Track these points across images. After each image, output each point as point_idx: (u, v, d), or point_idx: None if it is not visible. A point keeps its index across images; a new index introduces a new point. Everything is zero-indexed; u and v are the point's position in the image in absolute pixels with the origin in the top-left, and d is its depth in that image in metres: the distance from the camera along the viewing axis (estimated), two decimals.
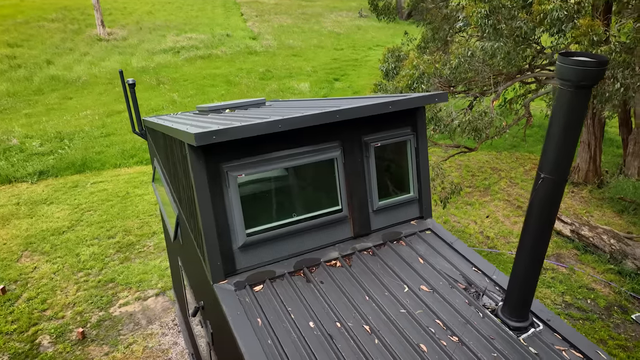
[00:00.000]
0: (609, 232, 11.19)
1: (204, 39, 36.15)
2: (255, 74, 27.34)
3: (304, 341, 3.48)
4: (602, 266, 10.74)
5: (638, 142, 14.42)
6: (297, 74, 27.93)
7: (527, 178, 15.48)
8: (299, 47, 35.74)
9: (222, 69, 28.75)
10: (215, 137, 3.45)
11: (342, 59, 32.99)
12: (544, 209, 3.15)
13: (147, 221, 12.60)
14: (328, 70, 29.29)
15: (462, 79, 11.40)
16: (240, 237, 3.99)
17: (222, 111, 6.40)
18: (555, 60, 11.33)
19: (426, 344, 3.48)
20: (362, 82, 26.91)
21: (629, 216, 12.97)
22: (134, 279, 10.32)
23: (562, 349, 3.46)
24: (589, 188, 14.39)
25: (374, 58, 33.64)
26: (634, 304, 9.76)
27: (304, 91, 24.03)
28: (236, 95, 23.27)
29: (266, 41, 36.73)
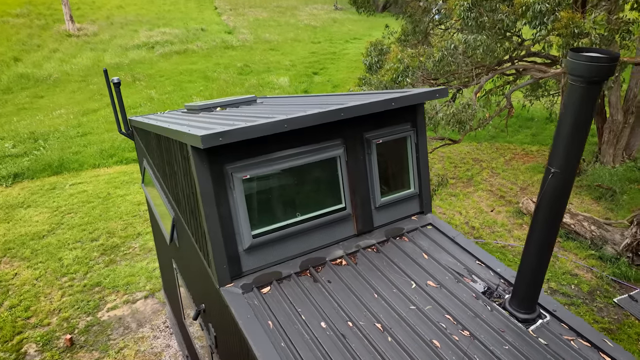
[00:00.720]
0: (589, 219, 11.53)
1: (178, 33, 35.45)
2: (233, 69, 26.98)
3: (317, 342, 3.46)
4: (583, 252, 11.06)
5: (613, 131, 14.86)
6: (275, 69, 27.70)
7: (508, 168, 15.79)
8: (276, 41, 35.44)
9: (198, 64, 28.28)
10: (222, 139, 3.37)
11: (320, 52, 32.87)
12: (554, 203, 3.20)
13: (130, 222, 12.32)
14: (307, 64, 29.15)
15: (445, 72, 11.50)
16: (246, 239, 3.93)
17: (213, 109, 6.29)
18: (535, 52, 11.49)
19: (438, 339, 3.50)
20: (341, 76, 26.89)
21: (606, 202, 13.38)
22: (121, 281, 10.10)
23: (570, 338, 3.54)
24: None
25: (351, 51, 33.67)
26: (615, 287, 10.10)
27: (284, 86, 23.87)
28: (215, 91, 22.93)
29: (242, 35, 36.28)
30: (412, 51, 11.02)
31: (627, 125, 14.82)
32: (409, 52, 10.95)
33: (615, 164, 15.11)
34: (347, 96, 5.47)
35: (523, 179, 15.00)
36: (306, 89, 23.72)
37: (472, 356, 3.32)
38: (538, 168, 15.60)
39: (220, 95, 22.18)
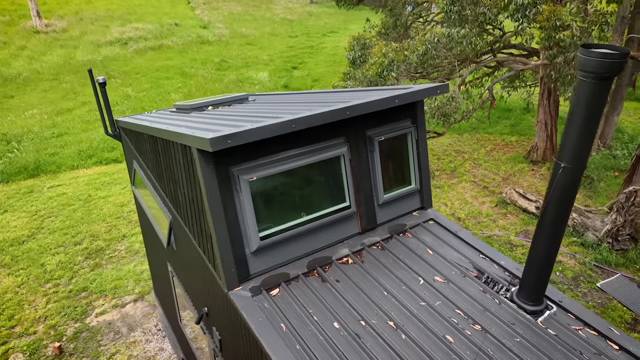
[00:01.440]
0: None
1: (151, 29, 34.65)
2: (210, 65, 26.56)
3: (332, 343, 3.45)
4: (566, 239, 11.36)
5: None
6: (254, 64, 27.40)
7: (489, 159, 16.06)
8: (253, 35, 35.03)
9: (174, 60, 27.72)
10: (231, 141, 3.30)
11: (297, 46, 32.66)
12: (563, 197, 3.26)
13: (114, 224, 12.04)
14: (285, 59, 28.93)
15: (429, 65, 11.58)
16: (254, 241, 3.87)
17: (205, 109, 6.16)
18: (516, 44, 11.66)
19: (451, 335, 3.54)
20: (320, 70, 26.80)
21: (584, 190, 13.76)
22: (108, 285, 9.87)
23: (578, 328, 3.62)
24: (547, 165, 15.13)
25: (329, 45, 33.59)
26: (597, 272, 10.42)
27: (263, 81, 23.64)
28: (193, 87, 22.55)
29: (218, 30, 35.72)
30: (396, 45, 11.05)
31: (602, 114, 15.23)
32: (393, 46, 10.98)
33: (591, 152, 15.54)
34: (342, 93, 5.44)
35: (504, 169, 15.29)
36: (286, 83, 23.57)
37: (486, 351, 3.36)
38: (518, 158, 15.92)
39: (199, 91, 21.83)
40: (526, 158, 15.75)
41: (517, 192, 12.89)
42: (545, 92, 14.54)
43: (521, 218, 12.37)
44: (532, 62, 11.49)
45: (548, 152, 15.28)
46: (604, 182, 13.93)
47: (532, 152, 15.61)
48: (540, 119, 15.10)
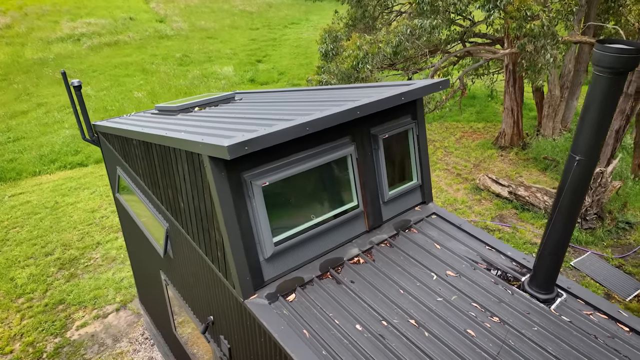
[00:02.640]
0: (541, 190, 12.31)
1: (105, 24, 33.24)
2: (172, 60, 25.77)
3: (357, 346, 3.43)
4: (539, 221, 11.82)
5: (552, 106, 15.87)
6: (217, 58, 26.80)
7: (460, 146, 16.44)
8: (213, 28, 34.25)
9: (133, 57, 26.72)
10: (248, 147, 3.19)
11: (260, 39, 32.22)
12: (578, 189, 3.35)
13: (87, 232, 11.54)
14: (248, 52, 28.47)
15: (403, 57, 11.67)
16: (268, 248, 3.78)
17: (192, 110, 5.96)
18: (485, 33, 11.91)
19: (472, 329, 3.59)
20: (285, 63, 26.56)
21: (551, 173, 14.35)
22: (87, 296, 9.47)
23: (589, 313, 3.76)
24: (515, 150, 15.66)
25: (291, 37, 33.32)
26: (569, 251, 10.91)
27: (229, 75, 23.18)
28: (156, 84, 21.82)
29: (176, 24, 34.69)
30: (370, 38, 11.06)
31: (563, 99, 15.88)
32: (367, 39, 10.98)
33: (555, 136, 16.20)
34: (334, 91, 5.38)
35: (475, 155, 15.70)
36: (252, 77, 23.20)
37: (509, 342, 3.43)
38: (487, 144, 16.38)
39: (163, 88, 21.15)
40: (494, 144, 16.24)
41: (489, 178, 13.27)
42: (510, 80, 14.97)
43: (495, 203, 12.76)
44: (500, 51, 11.79)
45: (515, 138, 15.80)
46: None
47: (500, 138, 16.10)
48: (506, 106, 15.56)
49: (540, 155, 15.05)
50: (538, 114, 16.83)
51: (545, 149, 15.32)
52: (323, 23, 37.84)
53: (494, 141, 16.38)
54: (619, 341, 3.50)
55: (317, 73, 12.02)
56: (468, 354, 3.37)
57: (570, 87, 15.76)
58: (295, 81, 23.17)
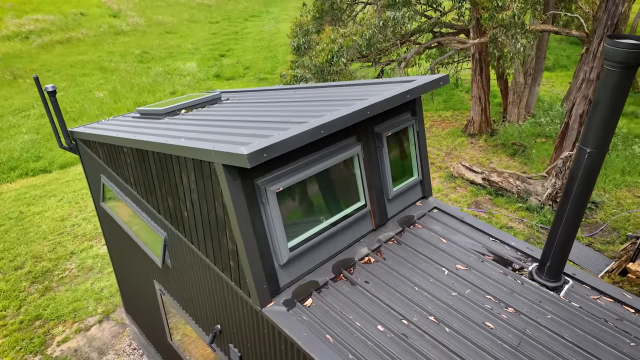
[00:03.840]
0: (513, 175, 12.73)
1: (54, 20, 31.60)
2: (131, 57, 24.82)
3: (382, 347, 3.43)
4: (513, 206, 12.23)
5: (516, 92, 16.39)
6: (178, 54, 26.03)
7: (430, 135, 16.73)
8: (171, 23, 33.22)
9: (89, 54, 25.55)
10: (267, 154, 3.09)
11: (221, 33, 31.53)
12: (587, 180, 3.45)
13: (58, 241, 11.00)
14: (210, 47, 27.81)
15: (376, 49, 11.70)
16: (284, 254, 3.71)
17: (178, 112, 5.75)
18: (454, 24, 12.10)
19: (490, 321, 3.66)
20: (249, 57, 26.13)
21: (520, 157, 14.84)
22: (65, 309, 9.06)
23: (596, 297, 3.92)
24: (484, 137, 16.09)
25: (253, 30, 32.81)
26: (544, 233, 11.36)
27: (193, 72, 22.57)
28: (118, 83, 20.97)
29: (132, 19, 33.41)
30: (344, 31, 11.01)
31: (526, 86, 16.42)
32: (341, 32, 10.93)
33: (520, 122, 16.76)
34: (327, 89, 5.32)
35: (446, 144, 16.03)
36: (217, 73, 22.69)
37: (527, 332, 3.52)
38: (457, 133, 16.75)
39: (125, 87, 20.35)
40: (464, 132, 16.63)
41: (463, 166, 13.59)
42: (477, 69, 15.33)
43: (470, 190, 13.09)
44: (469, 41, 12.02)
45: (484, 125, 16.23)
46: (535, 149, 15.09)
47: (469, 126, 16.49)
48: (474, 94, 15.94)
49: (508, 141, 15.53)
50: (503, 101, 17.33)
51: (513, 135, 15.82)
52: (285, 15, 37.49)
53: (463, 129, 16.77)
54: (627, 323, 3.66)
55: (291, 67, 11.89)
56: (490, 346, 3.43)
57: (532, 74, 16.31)
58: (261, 75, 22.85)
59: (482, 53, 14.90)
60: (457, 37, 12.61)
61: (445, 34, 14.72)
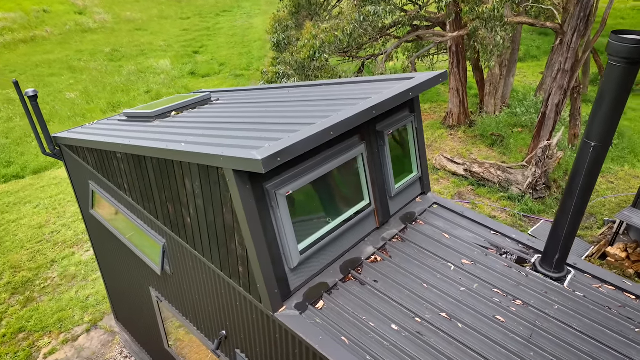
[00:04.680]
0: (494, 166, 12.98)
1: (15, 17, 30.32)
2: (101, 56, 24.07)
3: (399, 346, 3.43)
4: (495, 196, 12.48)
5: (493, 83, 16.69)
6: (150, 51, 25.39)
7: None
8: (140, 19, 32.36)
9: (56, 53, 24.65)
10: (280, 159, 3.04)
11: (192, 29, 30.92)
12: (592, 173, 3.53)
13: (37, 250, 10.62)
14: (183, 43, 27.25)
15: (357, 44, 11.69)
16: (294, 257, 3.67)
17: (168, 114, 5.60)
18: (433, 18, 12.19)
19: (500, 315, 3.72)
20: (224, 53, 25.73)
21: (499, 148, 15.14)
22: (50, 320, 8.77)
23: (598, 286, 4.03)
24: (463, 129, 16.34)
25: (226, 25, 32.32)
26: (526, 221, 11.65)
27: (167, 69, 22.07)
28: (89, 83, 20.31)
29: (98, 15, 32.39)
30: (325, 26, 10.95)
31: (502, 77, 16.74)
32: (322, 27, 10.86)
33: (496, 113, 17.08)
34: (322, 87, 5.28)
35: (426, 136, 16.19)
36: (192, 70, 22.26)
37: (537, 324, 3.59)
38: (436, 125, 16.95)
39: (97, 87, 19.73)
40: (443, 124, 16.84)
41: (445, 157, 13.77)
42: (455, 61, 15.52)
43: (452, 181, 13.29)
44: (449, 34, 12.14)
45: (462, 117, 16.47)
46: (512, 138, 15.42)
47: (448, 118, 16.71)
48: (452, 87, 16.14)
49: (486, 131, 15.82)
50: (480, 93, 17.62)
51: (490, 126, 16.12)
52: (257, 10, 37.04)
53: (442, 121, 16.98)
54: (630, 310, 3.78)
55: (273, 64, 11.75)
56: (503, 340, 3.49)
57: (507, 66, 16.62)
58: (237, 72, 22.54)
59: (460, 46, 15.09)
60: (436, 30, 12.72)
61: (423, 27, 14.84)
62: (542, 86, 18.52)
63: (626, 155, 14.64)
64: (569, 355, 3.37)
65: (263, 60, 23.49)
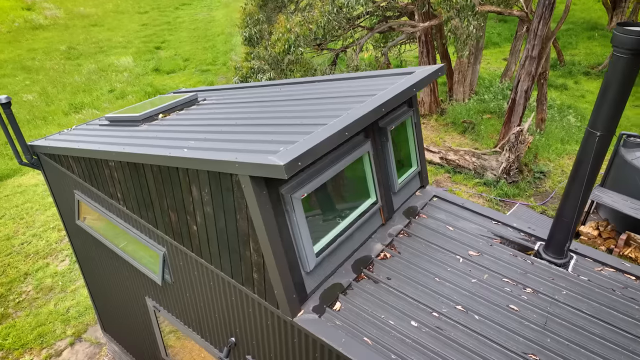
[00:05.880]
0: (468, 152, 13.26)
1: None
2: (56, 54, 22.92)
3: (422, 343, 3.45)
4: (471, 182, 12.77)
5: (461, 72, 17.00)
6: (109, 48, 24.38)
7: None
8: (95, 15, 31.01)
9: (6, 53, 23.29)
10: (301, 162, 2.96)
11: (152, 23, 29.91)
12: (597, 162, 3.64)
13: (7, 263, 10.07)
14: (143, 39, 26.31)
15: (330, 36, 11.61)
16: (311, 260, 3.61)
17: (156, 117, 5.39)
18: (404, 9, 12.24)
19: (513, 304, 3.80)
20: (187, 48, 25.04)
21: (470, 134, 15.48)
22: (30, 336, 8.36)
23: (599, 269, 4.18)
24: (435, 117, 16.60)
25: (187, 19, 31.45)
26: (502, 205, 11.99)
27: (129, 67, 21.26)
28: (47, 83, 19.31)
29: (49, 11, 30.81)
30: (299, 19, 10.80)
31: (470, 65, 17.07)
32: (296, 21, 10.71)
33: (466, 100, 17.44)
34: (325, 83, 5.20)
35: None
36: (156, 66, 21.54)
37: (549, 310, 3.70)
38: None
39: (57, 87, 18.78)
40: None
41: (427, 150, 13.95)
42: (424, 51, 15.69)
43: (429, 170, 13.49)
44: (420, 24, 12.24)
45: (433, 105, 16.72)
46: (482, 125, 15.80)
47: (420, 107, 16.92)
48: None
49: (457, 119, 16.13)
50: (448, 81, 17.94)
51: (461, 113, 16.45)
52: (217, 3, 36.19)
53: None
54: (632, 290, 3.94)
55: (246, 59, 11.52)
56: (520, 329, 3.57)
57: (475, 53, 16.96)
58: (203, 67, 22.00)
59: (428, 35, 15.26)
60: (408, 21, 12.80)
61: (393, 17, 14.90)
62: (507, 72, 19.03)
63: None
64: (583, 339, 3.49)
65: (229, 54, 23.03)
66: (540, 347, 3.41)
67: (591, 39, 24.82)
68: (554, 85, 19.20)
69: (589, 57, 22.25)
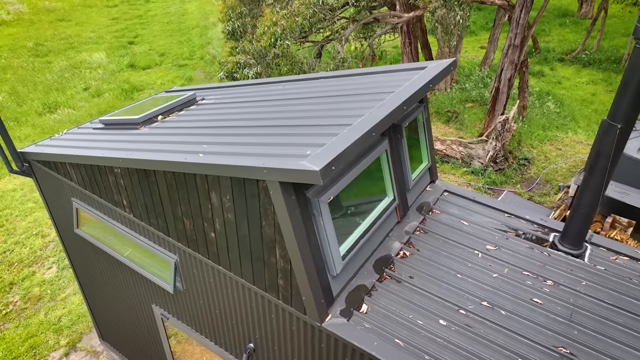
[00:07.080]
0: (455, 142, 13.38)
1: None
2: (24, 51, 21.96)
3: (453, 342, 3.44)
4: (459, 171, 12.91)
5: None
6: (79, 44, 23.51)
7: None
8: (61, 9, 29.82)
9: None
10: (334, 167, 2.87)
11: (123, 17, 28.97)
12: (617, 154, 3.67)
13: None
14: (115, 34, 25.47)
15: (316, 28, 11.46)
16: (337, 264, 3.54)
17: (156, 119, 5.19)
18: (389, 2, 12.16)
19: (536, 297, 3.82)
20: (162, 42, 24.37)
21: (454, 123, 15.62)
22: (21, 348, 8.05)
23: (614, 258, 4.25)
24: None
25: (159, 12, 30.62)
26: (491, 193, 12.17)
27: (103, 63, 20.56)
28: (17, 82, 18.49)
29: (12, 6, 29.46)
30: (285, 12, 10.60)
31: (450, 54, 17.18)
32: (282, 13, 10.51)
33: (447, 89, 17.57)
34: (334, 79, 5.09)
35: None
36: (131, 62, 20.90)
37: (573, 302, 3.73)
38: None
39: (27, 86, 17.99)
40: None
41: None
42: (406, 41, 15.69)
43: None
44: (405, 15, 12.21)
45: None
46: (466, 113, 15.97)
47: None
48: None
49: (441, 109, 16.25)
50: None
51: (444, 102, 16.58)
52: None
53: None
54: None
55: (231, 54, 11.26)
56: (547, 322, 3.59)
57: (455, 42, 17.05)
58: (180, 61, 21.47)
59: (410, 26, 15.25)
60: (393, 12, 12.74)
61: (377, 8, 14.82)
62: (486, 61, 19.25)
63: (568, 123, 15.63)
64: (608, 330, 3.53)
65: (206, 48, 22.53)
66: (569, 339, 3.44)
67: (562, 26, 25.34)
68: (532, 73, 19.52)
69: (562, 43, 22.73)
